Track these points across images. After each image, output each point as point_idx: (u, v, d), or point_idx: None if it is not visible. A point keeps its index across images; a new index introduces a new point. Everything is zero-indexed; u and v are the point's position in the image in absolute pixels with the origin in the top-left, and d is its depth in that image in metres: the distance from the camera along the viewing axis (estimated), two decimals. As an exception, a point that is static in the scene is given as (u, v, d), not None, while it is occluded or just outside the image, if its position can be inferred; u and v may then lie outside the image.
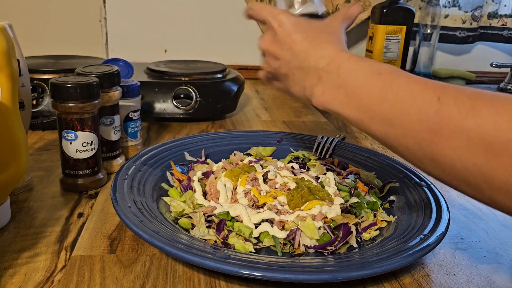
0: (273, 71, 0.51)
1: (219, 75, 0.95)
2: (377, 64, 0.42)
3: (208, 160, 0.65)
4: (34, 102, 0.82)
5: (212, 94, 0.90)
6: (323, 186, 0.56)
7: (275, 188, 0.55)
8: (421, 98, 0.36)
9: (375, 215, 0.53)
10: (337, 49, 0.45)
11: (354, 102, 0.41)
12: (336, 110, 0.44)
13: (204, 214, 0.50)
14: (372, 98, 0.40)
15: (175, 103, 0.88)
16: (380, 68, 0.41)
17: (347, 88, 0.42)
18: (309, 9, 0.54)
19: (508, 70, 1.31)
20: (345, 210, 0.52)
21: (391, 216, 0.53)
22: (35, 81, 0.82)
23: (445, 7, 1.33)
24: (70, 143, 0.56)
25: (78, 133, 0.56)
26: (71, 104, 0.55)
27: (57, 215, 0.52)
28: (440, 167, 0.35)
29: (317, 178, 0.59)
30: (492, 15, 1.36)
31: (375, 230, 0.50)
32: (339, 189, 0.56)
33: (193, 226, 0.49)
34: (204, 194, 0.55)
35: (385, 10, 1.09)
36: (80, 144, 0.56)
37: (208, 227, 0.49)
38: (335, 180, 0.57)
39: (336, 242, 0.47)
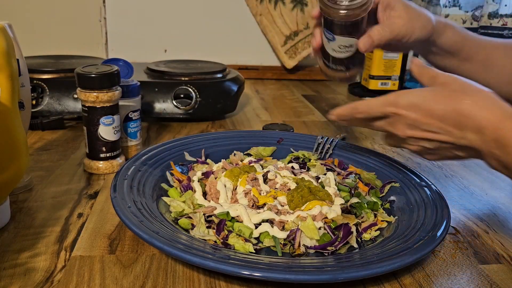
0: (427, 150, 0.50)
1: (219, 75, 0.95)
2: None
3: (208, 160, 0.65)
4: (34, 102, 0.82)
5: (212, 94, 0.90)
6: (323, 186, 0.56)
7: (275, 188, 0.55)
8: None
9: (375, 215, 0.53)
10: (491, 118, 0.43)
11: None
12: None
13: (204, 214, 0.50)
14: None
15: (175, 103, 0.88)
16: None
17: None
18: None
19: (508, 70, 1.31)
20: (346, 210, 0.52)
21: (391, 216, 0.53)
22: (34, 81, 0.82)
23: (446, 7, 1.33)
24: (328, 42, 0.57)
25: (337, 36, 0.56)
26: None
27: (57, 215, 0.52)
28: None
29: (317, 178, 0.58)
30: (493, 15, 1.36)
31: (375, 231, 0.50)
32: (339, 189, 0.56)
33: (193, 226, 0.49)
34: (204, 194, 0.55)
35: (385, 10, 1.09)
36: (337, 46, 0.58)
37: (208, 227, 0.49)
38: (335, 180, 0.57)
39: (337, 243, 0.47)
